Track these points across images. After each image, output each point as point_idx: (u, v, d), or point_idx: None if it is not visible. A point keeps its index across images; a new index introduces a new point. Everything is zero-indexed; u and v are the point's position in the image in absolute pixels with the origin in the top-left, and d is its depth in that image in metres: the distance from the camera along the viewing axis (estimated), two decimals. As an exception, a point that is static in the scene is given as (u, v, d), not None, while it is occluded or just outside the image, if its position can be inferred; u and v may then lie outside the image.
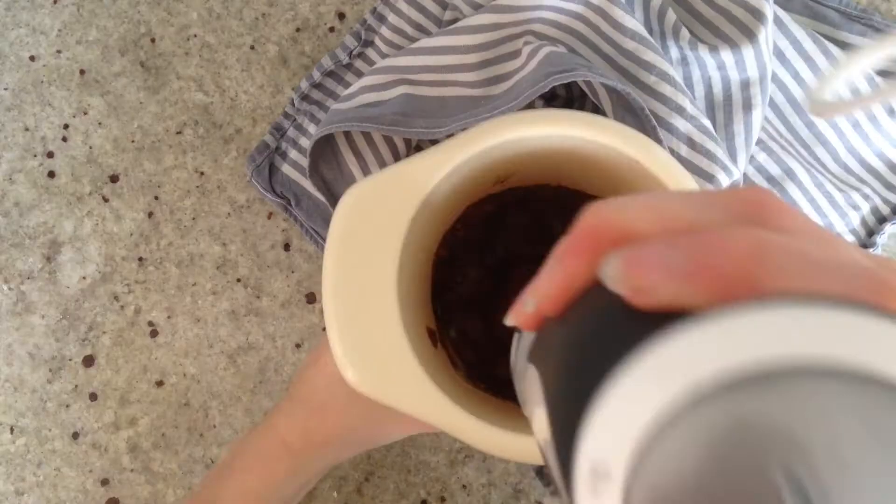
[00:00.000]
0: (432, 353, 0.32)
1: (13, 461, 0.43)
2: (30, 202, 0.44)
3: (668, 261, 0.12)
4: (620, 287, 0.12)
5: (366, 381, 0.28)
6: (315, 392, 0.34)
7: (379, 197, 0.29)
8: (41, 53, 0.45)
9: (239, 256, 0.44)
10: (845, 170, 0.41)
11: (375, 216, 0.29)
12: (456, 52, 0.39)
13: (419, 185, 0.28)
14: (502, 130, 0.28)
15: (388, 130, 0.35)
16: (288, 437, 0.34)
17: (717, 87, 0.39)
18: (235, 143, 0.44)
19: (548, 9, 0.38)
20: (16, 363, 0.44)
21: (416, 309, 0.32)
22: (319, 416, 0.34)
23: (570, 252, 0.15)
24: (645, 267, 0.12)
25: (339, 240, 0.29)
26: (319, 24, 0.44)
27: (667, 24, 0.39)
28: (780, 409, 0.10)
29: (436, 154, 0.29)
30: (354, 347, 0.28)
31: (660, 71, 0.36)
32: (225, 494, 0.34)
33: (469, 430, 0.28)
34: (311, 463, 0.35)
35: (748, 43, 0.37)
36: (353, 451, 0.37)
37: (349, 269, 0.28)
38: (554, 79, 0.33)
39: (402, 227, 0.29)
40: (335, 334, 0.28)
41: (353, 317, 0.28)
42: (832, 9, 0.42)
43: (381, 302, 0.28)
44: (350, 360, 0.28)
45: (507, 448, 0.28)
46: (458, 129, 0.35)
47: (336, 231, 0.29)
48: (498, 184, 0.34)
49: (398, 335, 0.28)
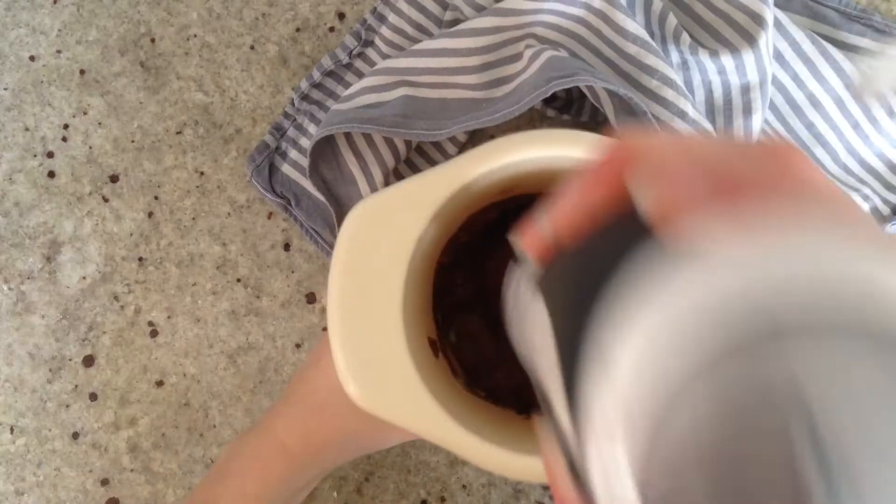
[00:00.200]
0: (433, 364, 0.32)
1: (13, 461, 0.43)
2: (30, 202, 0.44)
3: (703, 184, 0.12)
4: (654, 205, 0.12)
5: (367, 396, 0.28)
6: (315, 394, 0.34)
7: (386, 214, 0.29)
8: (41, 53, 0.45)
9: (239, 256, 0.44)
10: (845, 171, 0.41)
11: (383, 235, 0.29)
12: (457, 55, 0.39)
13: (428, 204, 0.29)
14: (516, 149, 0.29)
15: (389, 132, 0.35)
16: (286, 439, 0.34)
17: (717, 91, 0.39)
18: (235, 143, 0.44)
19: (549, 12, 0.38)
20: (16, 363, 0.44)
21: (418, 319, 0.32)
22: (319, 418, 0.34)
23: (596, 178, 0.14)
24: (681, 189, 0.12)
25: (345, 256, 0.29)
26: (319, 24, 0.44)
27: (668, 29, 0.39)
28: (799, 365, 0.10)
29: (444, 171, 0.29)
30: (357, 362, 0.28)
31: (662, 75, 0.37)
32: (222, 498, 0.34)
33: (468, 447, 0.28)
34: (309, 466, 0.35)
35: (749, 48, 0.37)
36: (351, 455, 0.37)
37: (355, 285, 0.29)
38: (556, 83, 0.33)
39: (409, 245, 0.29)
40: (339, 348, 0.28)
41: (356, 332, 0.29)
42: (832, 9, 0.42)
43: (386, 318, 0.29)
44: (352, 374, 0.28)
45: (505, 466, 0.28)
46: (459, 131, 0.35)
47: (342, 247, 0.29)
48: (503, 193, 0.34)
49: (401, 351, 0.29)
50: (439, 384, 0.30)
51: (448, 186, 0.29)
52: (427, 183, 0.29)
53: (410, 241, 0.29)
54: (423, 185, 0.29)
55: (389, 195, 0.29)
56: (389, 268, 0.29)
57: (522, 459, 0.28)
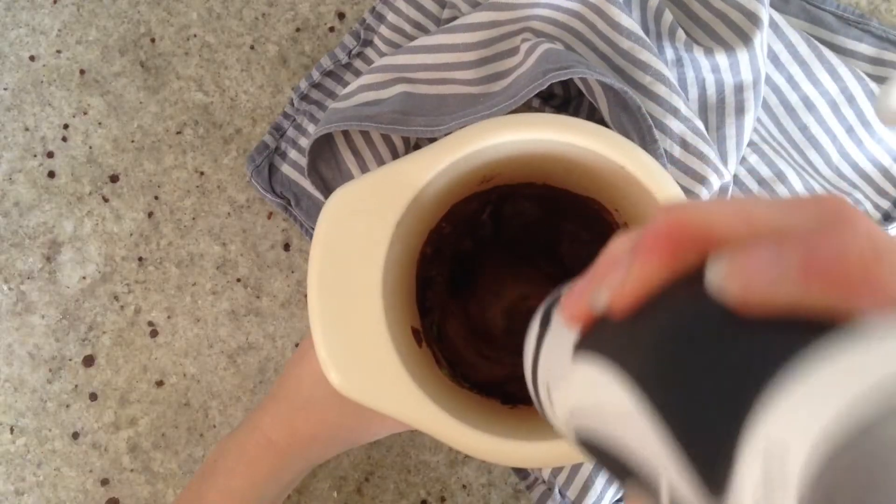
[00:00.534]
0: (417, 353, 0.32)
1: (13, 461, 0.43)
2: (30, 202, 0.44)
3: (783, 261, 0.11)
4: (730, 287, 0.12)
5: (350, 384, 0.28)
6: (301, 389, 0.34)
7: (364, 200, 0.29)
8: (41, 53, 0.45)
9: (239, 256, 0.44)
10: (838, 174, 0.41)
11: (360, 220, 0.29)
12: (454, 50, 0.39)
13: (405, 189, 0.29)
14: (489, 134, 0.29)
15: (387, 129, 0.35)
16: (273, 434, 0.34)
17: (710, 89, 0.39)
18: (235, 143, 0.44)
19: (545, 6, 0.38)
20: (16, 363, 0.44)
21: (401, 308, 0.32)
22: (305, 412, 0.33)
23: (650, 250, 0.14)
24: (758, 268, 0.11)
25: (323, 241, 0.29)
26: (319, 24, 0.44)
27: (663, 25, 0.39)
28: None
29: (422, 157, 0.29)
30: (338, 350, 0.28)
31: (655, 71, 0.36)
32: (209, 495, 0.34)
33: (451, 432, 0.28)
34: (296, 461, 0.35)
35: (743, 47, 0.37)
36: (338, 448, 0.37)
37: (334, 272, 0.29)
38: (552, 76, 0.33)
39: (387, 231, 0.29)
40: (319, 336, 0.28)
41: (337, 319, 0.28)
42: (829, 13, 0.42)
43: (366, 304, 0.29)
44: (334, 363, 0.28)
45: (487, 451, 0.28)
46: (458, 126, 0.35)
47: (321, 233, 0.29)
48: (484, 182, 0.34)
49: (383, 338, 0.28)
50: (423, 373, 0.30)
51: (426, 172, 0.29)
52: (405, 169, 0.29)
53: (388, 228, 0.29)
54: (400, 171, 0.29)
55: (367, 182, 0.29)
56: (368, 255, 0.29)
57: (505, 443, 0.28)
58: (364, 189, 0.29)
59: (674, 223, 0.14)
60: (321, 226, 0.29)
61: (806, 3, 0.42)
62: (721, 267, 0.12)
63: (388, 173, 0.29)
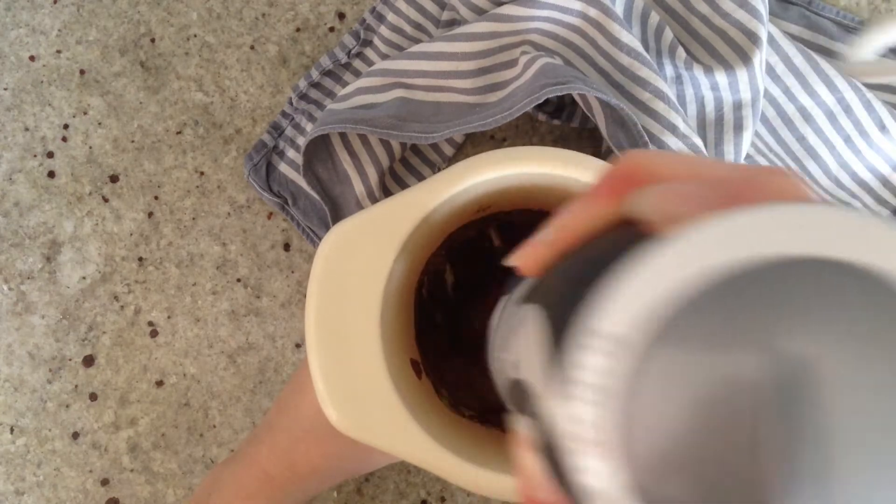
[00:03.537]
0: (417, 385, 0.32)
1: (13, 461, 0.43)
2: (30, 202, 0.44)
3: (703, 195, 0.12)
4: (655, 214, 0.13)
5: (348, 421, 0.28)
6: (299, 421, 0.33)
7: (361, 237, 0.29)
8: (41, 53, 0.45)
9: (239, 256, 0.44)
10: (836, 184, 0.41)
11: (358, 256, 0.29)
12: (453, 59, 0.39)
13: (402, 225, 0.29)
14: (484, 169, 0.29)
15: (383, 133, 0.35)
16: (270, 468, 0.33)
17: (709, 106, 0.39)
18: (235, 143, 0.44)
19: (545, 20, 0.38)
20: (16, 363, 0.44)
21: (399, 340, 0.32)
22: (305, 445, 0.33)
23: (603, 189, 0.15)
24: (682, 198, 0.12)
25: (321, 277, 0.29)
26: (319, 24, 0.44)
27: (664, 42, 0.39)
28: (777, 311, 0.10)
29: (418, 193, 0.29)
30: (337, 387, 0.28)
31: (654, 88, 0.36)
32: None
33: (450, 468, 0.28)
34: (293, 494, 0.34)
35: (742, 65, 0.37)
36: (337, 480, 0.36)
37: (332, 308, 0.29)
38: (549, 90, 0.33)
39: (385, 268, 0.29)
40: (318, 373, 0.28)
41: (335, 355, 0.28)
42: (829, 20, 0.42)
43: (364, 340, 0.28)
44: (332, 400, 0.28)
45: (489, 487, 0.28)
46: (452, 134, 0.35)
47: (319, 268, 0.29)
48: (480, 211, 0.34)
49: (381, 374, 0.28)
50: (423, 405, 0.30)
51: (422, 208, 0.29)
52: (401, 206, 0.29)
53: (386, 264, 0.29)
54: (396, 209, 0.29)
55: (363, 219, 0.29)
56: (366, 290, 0.29)
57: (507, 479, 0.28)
58: (361, 227, 0.29)
59: (627, 167, 0.15)
60: (319, 261, 0.29)
61: (805, 9, 0.42)
62: (650, 194, 0.13)
63: (383, 211, 0.29)
